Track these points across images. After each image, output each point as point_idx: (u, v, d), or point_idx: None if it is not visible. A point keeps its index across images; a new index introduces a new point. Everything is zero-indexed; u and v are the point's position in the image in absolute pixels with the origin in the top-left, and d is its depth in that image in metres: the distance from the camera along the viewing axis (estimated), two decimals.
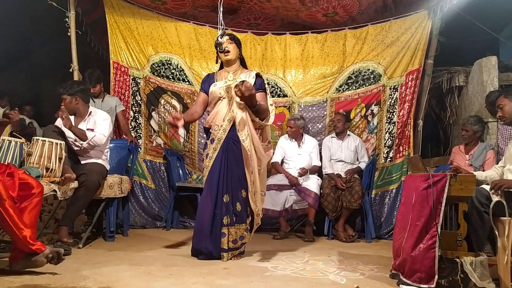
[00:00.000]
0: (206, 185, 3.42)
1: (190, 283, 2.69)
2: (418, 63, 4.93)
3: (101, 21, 5.18)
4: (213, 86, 3.47)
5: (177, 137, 5.18)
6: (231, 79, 3.43)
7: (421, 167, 2.92)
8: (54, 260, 2.74)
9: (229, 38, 3.45)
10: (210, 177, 3.40)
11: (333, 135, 4.94)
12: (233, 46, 3.44)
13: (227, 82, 3.43)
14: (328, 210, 4.54)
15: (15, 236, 2.64)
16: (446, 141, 5.80)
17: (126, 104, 5.08)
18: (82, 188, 3.61)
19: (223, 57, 3.46)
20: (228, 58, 3.44)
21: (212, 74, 3.60)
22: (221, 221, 3.33)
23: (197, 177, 5.23)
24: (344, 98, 5.16)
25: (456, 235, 2.66)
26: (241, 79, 3.30)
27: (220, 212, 3.34)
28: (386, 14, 5.14)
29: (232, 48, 3.43)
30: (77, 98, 3.84)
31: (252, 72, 3.49)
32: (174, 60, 5.20)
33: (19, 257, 2.72)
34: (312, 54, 5.25)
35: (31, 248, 2.67)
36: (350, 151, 4.84)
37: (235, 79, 3.40)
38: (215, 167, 3.39)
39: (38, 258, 2.70)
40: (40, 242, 2.73)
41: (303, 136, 4.91)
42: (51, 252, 2.72)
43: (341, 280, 2.87)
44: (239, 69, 3.52)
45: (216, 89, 3.45)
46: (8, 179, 2.75)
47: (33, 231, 2.75)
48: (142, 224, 4.98)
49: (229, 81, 3.42)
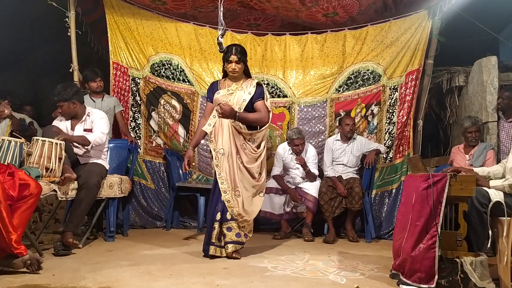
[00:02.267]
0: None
1: (190, 283, 2.69)
2: (418, 63, 4.93)
3: (101, 21, 5.18)
4: (217, 94, 3.67)
5: (177, 137, 5.18)
6: (234, 88, 3.66)
7: (421, 167, 2.92)
8: (33, 267, 2.78)
9: (238, 59, 3.60)
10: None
11: (337, 138, 4.88)
12: (240, 66, 3.64)
13: (229, 90, 3.66)
14: (324, 210, 4.54)
15: (1, 237, 2.67)
16: (446, 141, 5.80)
17: (126, 105, 5.08)
18: (82, 191, 3.60)
19: (229, 72, 3.66)
20: (235, 76, 3.67)
21: (216, 83, 3.79)
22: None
23: (197, 177, 5.23)
24: (344, 99, 5.16)
25: (456, 235, 2.66)
26: (243, 89, 3.64)
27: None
28: (386, 14, 5.14)
29: (239, 68, 3.64)
30: (74, 101, 3.79)
31: (253, 81, 3.70)
32: (174, 60, 5.20)
33: (0, 255, 2.74)
34: (312, 55, 5.25)
35: (13, 251, 2.70)
36: (353, 155, 4.79)
37: (237, 88, 3.65)
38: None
39: (17, 262, 2.74)
40: (23, 247, 2.76)
41: (304, 146, 4.83)
42: (30, 259, 2.77)
43: (341, 280, 2.87)
44: (242, 78, 3.71)
45: (219, 97, 3.64)
46: (9, 179, 2.76)
47: (20, 233, 2.79)
48: (142, 224, 4.99)
49: (232, 90, 3.65)
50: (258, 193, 3.70)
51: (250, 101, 3.62)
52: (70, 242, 3.43)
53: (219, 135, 3.56)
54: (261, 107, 3.64)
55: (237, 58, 3.59)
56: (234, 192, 3.53)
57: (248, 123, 3.61)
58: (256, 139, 3.66)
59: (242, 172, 3.57)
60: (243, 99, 3.61)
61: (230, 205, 3.50)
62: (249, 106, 3.63)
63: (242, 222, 3.55)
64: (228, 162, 3.53)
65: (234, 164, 3.54)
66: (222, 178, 3.52)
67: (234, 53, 3.59)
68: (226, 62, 3.64)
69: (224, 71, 3.73)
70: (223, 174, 3.53)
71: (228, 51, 3.62)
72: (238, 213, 3.51)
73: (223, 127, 3.56)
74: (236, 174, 3.53)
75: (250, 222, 3.62)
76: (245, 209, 3.56)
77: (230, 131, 3.55)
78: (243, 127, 3.59)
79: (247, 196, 3.60)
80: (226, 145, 3.54)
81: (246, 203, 3.57)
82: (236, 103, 3.59)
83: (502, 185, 2.75)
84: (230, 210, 3.50)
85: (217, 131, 3.57)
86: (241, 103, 3.60)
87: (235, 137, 3.56)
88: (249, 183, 3.61)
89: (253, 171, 3.61)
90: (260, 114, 3.63)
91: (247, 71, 3.75)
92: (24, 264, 2.74)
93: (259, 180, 3.67)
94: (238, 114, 3.56)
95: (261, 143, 3.69)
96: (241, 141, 3.59)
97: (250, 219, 3.61)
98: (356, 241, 4.47)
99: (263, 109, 3.64)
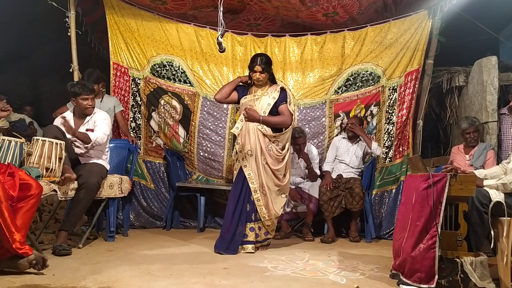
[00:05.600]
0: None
1: (190, 283, 2.69)
2: (417, 64, 4.93)
3: (102, 21, 5.18)
4: (244, 98, 3.94)
5: (177, 138, 5.18)
6: (259, 94, 3.91)
7: (421, 167, 2.92)
8: (38, 266, 2.77)
9: (262, 69, 3.83)
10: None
11: (344, 136, 4.92)
12: (264, 75, 3.87)
13: (255, 96, 3.91)
14: (323, 210, 4.54)
15: (5, 237, 2.66)
16: (446, 141, 5.80)
17: (126, 105, 5.08)
18: (82, 191, 3.60)
19: (254, 81, 3.90)
20: (260, 84, 3.91)
21: (246, 88, 4.03)
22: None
23: (197, 177, 5.23)
24: (343, 100, 5.15)
25: (456, 235, 2.66)
26: (268, 94, 3.88)
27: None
28: (386, 14, 5.14)
29: (263, 77, 3.87)
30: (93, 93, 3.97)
31: (278, 87, 3.94)
32: (175, 62, 5.19)
33: (4, 256, 2.74)
34: (311, 57, 5.25)
35: (18, 251, 2.69)
36: (356, 156, 4.80)
37: (262, 94, 3.89)
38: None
39: (22, 262, 2.72)
40: (28, 246, 2.75)
41: (305, 146, 4.87)
42: (35, 258, 2.75)
43: (341, 280, 2.87)
44: (267, 84, 3.95)
45: (246, 101, 3.91)
46: (9, 179, 2.76)
47: (24, 233, 2.78)
48: (142, 224, 4.99)
49: (257, 96, 3.90)
50: (281, 194, 3.92)
51: (274, 105, 3.85)
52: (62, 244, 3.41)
53: (246, 138, 3.79)
54: (284, 111, 3.86)
55: (261, 68, 3.83)
56: (262, 191, 3.79)
57: (271, 126, 3.83)
58: (280, 141, 3.86)
59: (267, 173, 3.80)
60: (268, 103, 3.85)
61: (259, 204, 3.77)
62: (274, 110, 3.86)
63: (268, 221, 3.82)
64: (256, 162, 3.77)
65: (260, 165, 3.77)
66: (252, 178, 3.77)
67: (258, 64, 3.83)
68: (251, 71, 3.87)
69: (251, 79, 3.94)
70: (252, 174, 3.77)
71: (253, 61, 3.86)
72: (266, 211, 3.78)
73: (249, 130, 3.79)
74: (262, 174, 3.77)
75: (274, 221, 3.89)
76: (270, 208, 3.81)
77: (256, 134, 3.78)
78: (267, 130, 3.80)
79: (271, 196, 3.82)
80: (252, 147, 3.78)
81: (271, 203, 3.81)
82: (261, 107, 3.84)
83: (496, 184, 2.76)
84: (259, 208, 3.77)
85: (244, 134, 3.81)
86: (266, 107, 3.84)
87: (260, 140, 3.79)
88: (273, 183, 3.83)
89: (278, 172, 3.83)
90: (283, 117, 3.85)
91: (272, 78, 3.99)
92: (30, 264, 2.72)
93: (283, 181, 3.88)
94: (262, 118, 3.79)
95: (285, 145, 3.89)
96: (266, 143, 3.80)
97: (274, 218, 3.86)
98: (357, 241, 4.47)
99: (286, 112, 3.85)
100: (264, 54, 4.04)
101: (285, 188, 3.94)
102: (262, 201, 3.78)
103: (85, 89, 3.81)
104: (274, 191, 3.85)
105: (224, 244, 3.69)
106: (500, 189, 2.74)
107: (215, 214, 5.26)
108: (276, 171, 3.82)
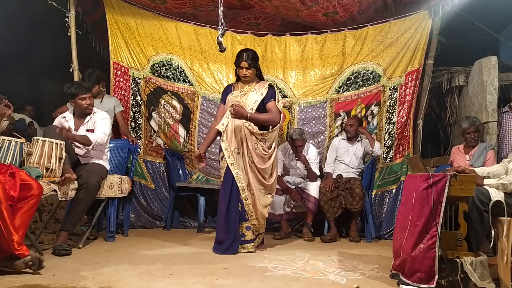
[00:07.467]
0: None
1: (190, 283, 2.69)
2: (417, 64, 4.93)
3: (102, 21, 5.18)
4: (230, 95, 3.83)
5: (177, 138, 5.18)
6: (246, 90, 3.82)
7: (421, 167, 2.92)
8: (34, 266, 2.76)
9: (248, 65, 3.74)
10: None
11: (343, 137, 4.92)
12: (251, 71, 3.78)
13: (242, 91, 3.81)
14: (324, 210, 4.54)
15: (3, 238, 2.66)
16: (446, 141, 5.80)
17: (126, 105, 5.08)
18: (82, 191, 3.60)
19: (241, 77, 3.81)
20: (247, 80, 3.82)
21: (230, 86, 3.96)
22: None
23: (197, 177, 5.23)
24: (344, 99, 5.16)
25: (456, 235, 2.66)
26: (255, 90, 3.78)
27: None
28: (386, 14, 5.15)
29: (250, 73, 3.78)
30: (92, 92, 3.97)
31: (266, 83, 3.85)
32: (174, 60, 5.20)
33: (1, 256, 2.73)
34: (312, 55, 5.25)
35: (15, 252, 2.69)
36: (355, 157, 4.80)
37: (249, 90, 3.80)
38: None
39: (18, 263, 2.72)
40: (25, 247, 2.74)
41: (303, 148, 4.84)
42: (32, 259, 2.75)
43: (341, 280, 2.87)
44: (255, 81, 3.85)
45: (232, 98, 3.80)
46: (10, 179, 2.76)
47: (22, 233, 2.77)
48: (142, 224, 4.99)
49: (244, 92, 3.80)
50: (267, 194, 3.81)
51: (262, 102, 3.75)
52: (62, 245, 3.41)
53: (232, 135, 3.67)
54: (272, 108, 3.76)
55: (248, 64, 3.74)
56: (249, 190, 3.71)
57: (259, 123, 3.72)
58: (268, 140, 3.76)
59: (253, 171, 3.70)
60: (255, 99, 3.74)
61: (247, 203, 3.69)
62: (261, 107, 3.76)
63: (254, 220, 3.74)
64: (243, 161, 3.69)
65: (246, 163, 3.68)
66: (240, 177, 3.68)
67: (244, 59, 3.73)
68: (237, 67, 3.79)
69: (237, 75, 3.85)
70: (240, 173, 3.68)
71: (239, 57, 3.76)
72: (253, 210, 3.71)
73: (236, 127, 3.67)
74: (249, 172, 3.68)
75: (261, 221, 3.79)
76: (257, 207, 3.72)
77: (243, 131, 3.67)
78: (255, 128, 3.69)
79: (257, 195, 3.73)
80: (239, 145, 3.68)
81: (258, 202, 3.73)
82: (248, 104, 3.73)
83: (496, 184, 2.75)
84: (247, 207, 3.69)
85: (230, 131, 3.68)
86: (253, 104, 3.74)
87: (247, 137, 3.67)
88: (258, 182, 3.74)
89: (264, 172, 3.74)
90: (272, 115, 3.75)
91: (259, 74, 3.89)
92: (26, 265, 2.73)
93: (269, 180, 3.78)
94: (249, 115, 3.68)
95: (272, 144, 3.79)
96: (253, 141, 3.70)
97: (260, 218, 3.77)
98: (357, 241, 4.47)
99: (274, 110, 3.76)
100: (250, 50, 3.91)
101: (271, 189, 3.82)
102: (250, 200, 3.69)
103: (81, 89, 3.81)
104: (259, 189, 3.73)
105: (223, 246, 3.63)
106: (500, 189, 2.74)
107: (215, 214, 5.18)
108: (262, 170, 3.71)
